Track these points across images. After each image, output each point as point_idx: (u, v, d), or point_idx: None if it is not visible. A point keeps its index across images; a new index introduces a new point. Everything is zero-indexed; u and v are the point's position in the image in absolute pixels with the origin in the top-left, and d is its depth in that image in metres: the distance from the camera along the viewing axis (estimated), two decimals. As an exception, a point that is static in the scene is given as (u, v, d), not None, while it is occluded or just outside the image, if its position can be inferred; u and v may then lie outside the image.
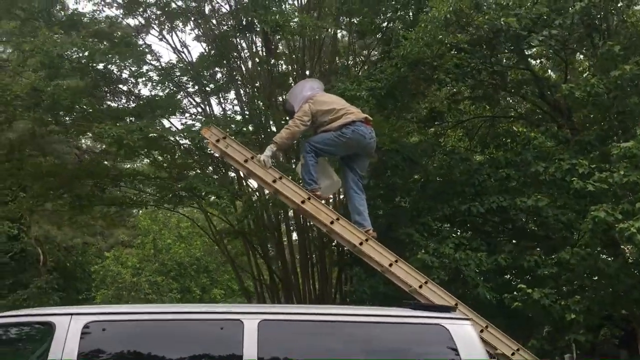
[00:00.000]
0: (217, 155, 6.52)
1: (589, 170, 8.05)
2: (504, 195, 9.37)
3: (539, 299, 7.84)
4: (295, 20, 9.20)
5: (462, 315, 5.21)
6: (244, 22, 8.83)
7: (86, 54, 9.32)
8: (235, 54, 12.70)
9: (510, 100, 13.98)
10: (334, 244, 12.40)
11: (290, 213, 13.39)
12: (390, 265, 5.87)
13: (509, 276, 10.79)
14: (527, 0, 8.88)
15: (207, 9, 12.74)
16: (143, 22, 12.76)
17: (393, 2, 11.01)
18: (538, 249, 9.71)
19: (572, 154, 8.87)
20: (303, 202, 5.90)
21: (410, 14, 10.14)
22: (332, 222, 5.87)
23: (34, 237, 21.04)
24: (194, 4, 12.74)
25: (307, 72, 11.77)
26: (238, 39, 11.79)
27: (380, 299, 9.54)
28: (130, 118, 10.11)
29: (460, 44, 9.36)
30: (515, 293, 8.86)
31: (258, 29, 9.06)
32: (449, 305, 5.44)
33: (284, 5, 8.99)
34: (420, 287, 5.81)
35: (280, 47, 13.12)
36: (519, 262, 9.13)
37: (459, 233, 10.14)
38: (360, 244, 5.88)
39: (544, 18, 9.39)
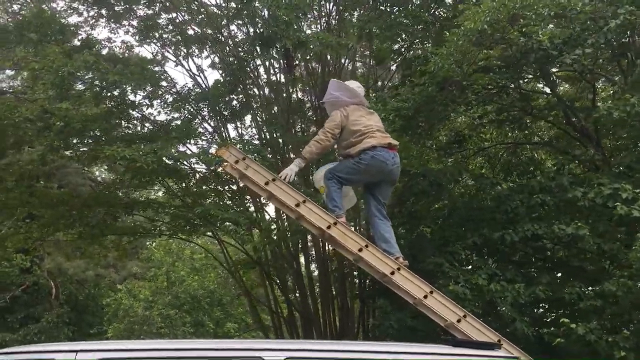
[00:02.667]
0: (235, 177, 6.08)
1: (634, 195, 7.51)
2: (539, 222, 8.80)
3: (583, 334, 7.21)
4: (319, 37, 8.87)
5: (508, 354, 4.72)
6: (263, 34, 8.48)
7: (99, 74, 9.02)
8: (250, 80, 12.49)
9: (534, 127, 13.52)
10: (355, 273, 11.89)
11: (310, 243, 12.92)
12: (425, 297, 5.35)
13: (542, 310, 10.17)
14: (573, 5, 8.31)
15: (223, 36, 12.63)
16: (159, 47, 12.70)
17: (414, 28, 10.73)
18: (577, 280, 9.06)
19: (611, 178, 8.33)
20: (329, 227, 5.44)
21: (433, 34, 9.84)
22: (360, 250, 5.41)
23: (46, 269, 20.71)
24: (209, 31, 12.65)
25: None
26: (255, 62, 11.57)
27: (407, 334, 8.96)
28: (143, 143, 9.75)
29: (489, 64, 8.91)
30: (552, 328, 8.26)
31: (278, 46, 8.73)
32: (492, 342, 4.93)
33: (304, 24, 8.67)
34: (459, 321, 5.26)
35: (299, 72, 12.92)
36: (558, 294, 8.50)
37: (491, 263, 9.55)
38: (392, 273, 5.39)
39: (575, 37, 8.99)
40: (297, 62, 11.21)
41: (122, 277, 24.18)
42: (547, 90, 11.68)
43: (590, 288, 8.94)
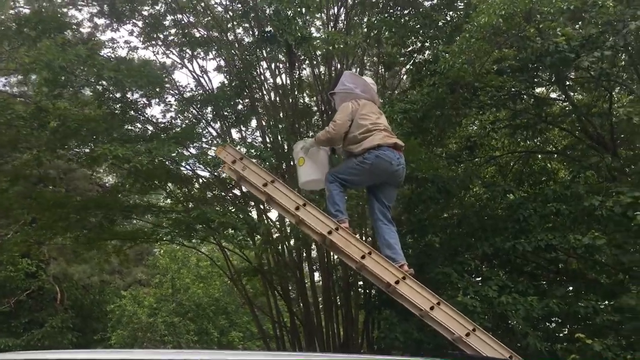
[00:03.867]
0: (233, 178, 5.76)
1: (655, 205, 7.12)
2: (553, 232, 8.40)
3: (600, 350, 6.81)
4: (321, 36, 8.58)
5: (520, 370, 4.38)
6: (266, 34, 8.21)
7: (94, 70, 8.73)
8: (256, 84, 12.24)
9: (548, 135, 13.14)
10: (360, 283, 11.50)
11: (314, 252, 12.58)
12: (432, 308, 5.00)
13: (555, 324, 9.76)
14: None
15: (229, 40, 12.42)
16: (163, 49, 12.49)
17: (424, 32, 10.44)
18: (592, 293, 8.65)
19: (630, 187, 7.93)
20: (330, 232, 5.12)
21: (444, 36, 9.53)
22: (363, 257, 5.07)
23: (51, 274, 20.49)
24: (215, 34, 12.44)
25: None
26: (261, 65, 11.28)
27: (414, 347, 8.57)
28: (140, 144, 9.46)
29: (503, 65, 8.54)
30: (565, 344, 7.86)
31: (281, 42, 8.44)
32: (503, 357, 4.60)
33: (310, 24, 8.36)
34: (468, 334, 4.91)
35: (305, 76, 12.67)
36: (573, 308, 8.09)
37: (502, 275, 9.16)
38: (397, 282, 5.05)
39: (593, 39, 8.63)
40: (298, 61, 10.85)
41: (127, 283, 23.97)
42: (562, 97, 11.35)
43: (606, 302, 8.55)
